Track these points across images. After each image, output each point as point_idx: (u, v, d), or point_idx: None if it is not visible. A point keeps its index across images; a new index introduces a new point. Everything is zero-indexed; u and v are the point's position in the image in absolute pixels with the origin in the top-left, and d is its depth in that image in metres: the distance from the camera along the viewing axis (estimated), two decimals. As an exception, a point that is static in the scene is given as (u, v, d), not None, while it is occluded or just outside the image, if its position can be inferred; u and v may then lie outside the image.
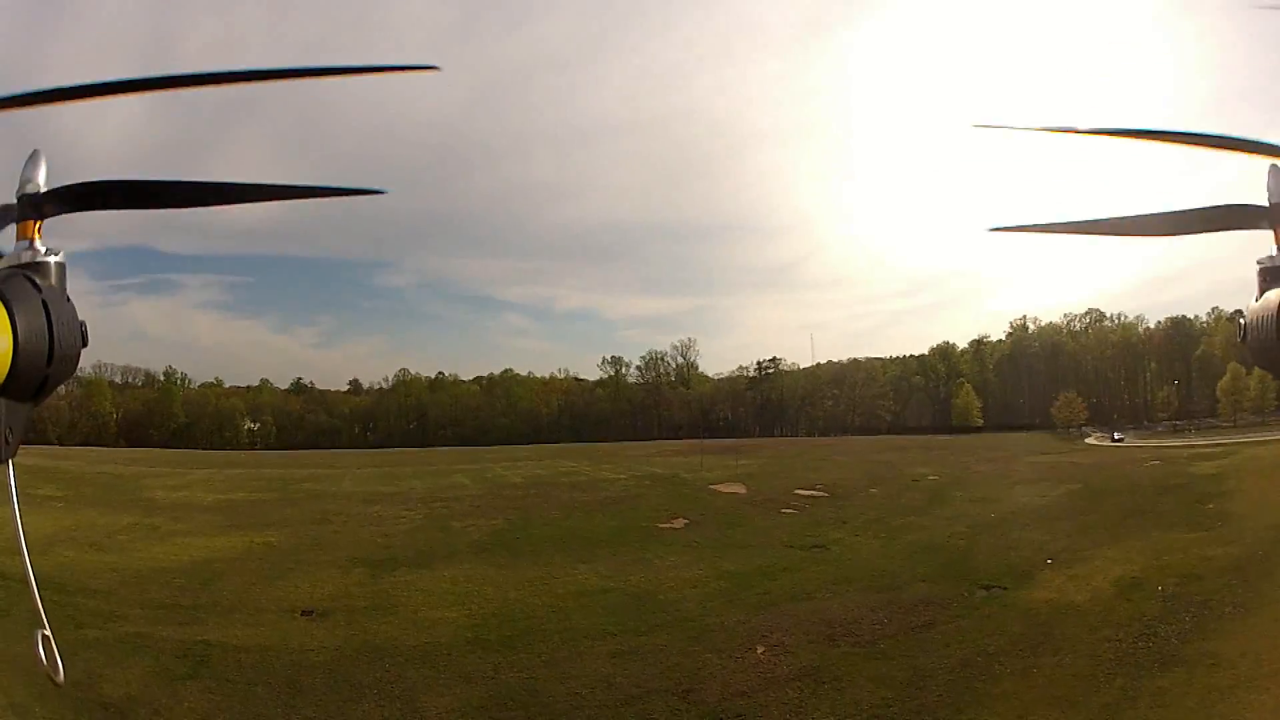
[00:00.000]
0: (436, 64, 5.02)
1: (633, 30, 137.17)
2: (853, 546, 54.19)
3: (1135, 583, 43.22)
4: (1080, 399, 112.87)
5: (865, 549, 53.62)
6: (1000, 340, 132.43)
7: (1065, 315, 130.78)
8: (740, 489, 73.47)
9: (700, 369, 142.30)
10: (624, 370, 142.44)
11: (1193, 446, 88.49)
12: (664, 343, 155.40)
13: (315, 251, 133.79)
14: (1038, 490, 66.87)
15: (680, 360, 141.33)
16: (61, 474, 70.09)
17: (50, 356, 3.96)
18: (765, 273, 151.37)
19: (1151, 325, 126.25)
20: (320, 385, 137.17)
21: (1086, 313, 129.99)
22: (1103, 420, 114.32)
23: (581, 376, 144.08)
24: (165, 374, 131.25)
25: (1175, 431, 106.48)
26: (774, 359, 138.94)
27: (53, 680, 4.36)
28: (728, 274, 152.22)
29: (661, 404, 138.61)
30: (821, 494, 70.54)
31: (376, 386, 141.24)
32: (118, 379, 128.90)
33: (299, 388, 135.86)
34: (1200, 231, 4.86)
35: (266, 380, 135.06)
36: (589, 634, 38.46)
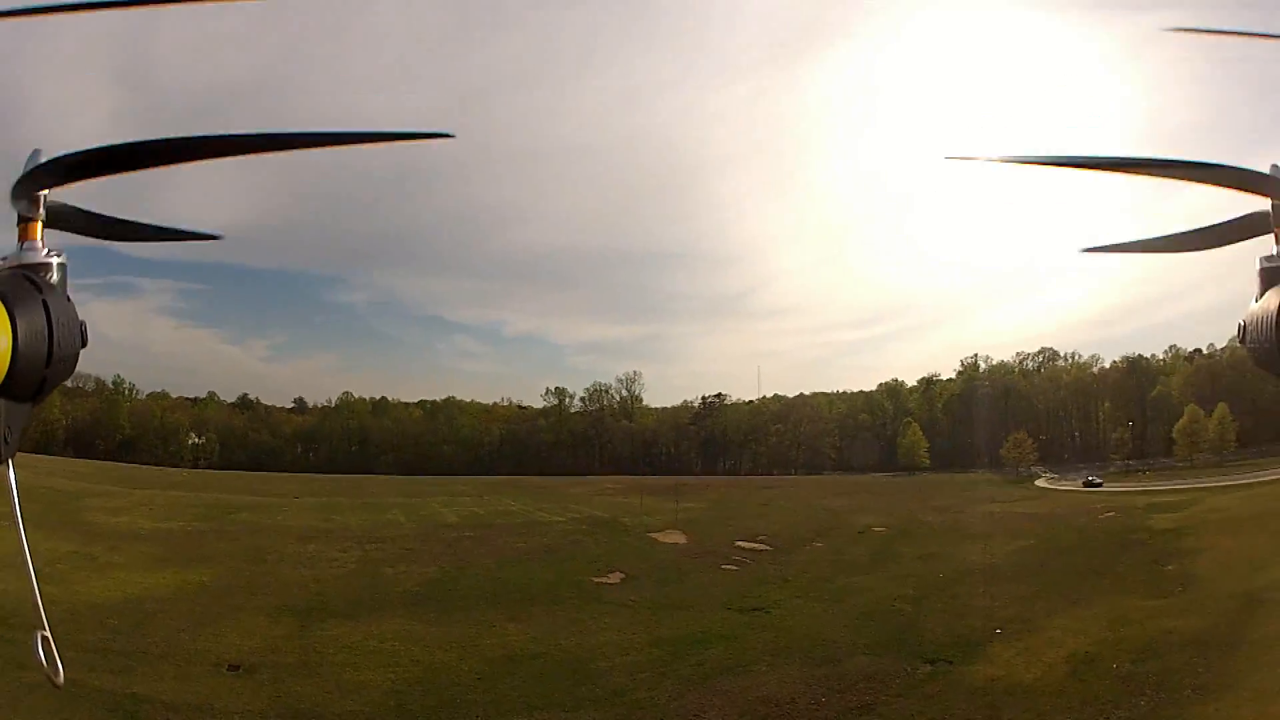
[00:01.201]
0: (450, 132, 4.75)
1: (595, 52, 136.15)
2: (794, 610, 52.74)
3: (1089, 659, 41.92)
4: (1030, 440, 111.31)
5: (806, 614, 52.09)
6: (950, 379, 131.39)
7: (1017, 354, 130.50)
8: (681, 538, 72.07)
9: (646, 400, 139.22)
10: (568, 400, 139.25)
11: (1149, 492, 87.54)
12: (613, 370, 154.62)
13: (271, 262, 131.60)
14: (989, 546, 64.66)
15: (625, 393, 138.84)
16: (5, 486, 66.15)
17: (50, 357, 3.98)
18: (716, 301, 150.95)
19: (1107, 364, 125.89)
20: (266, 401, 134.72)
21: (1039, 351, 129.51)
22: (1053, 461, 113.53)
23: (527, 403, 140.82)
24: (114, 382, 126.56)
25: (1129, 473, 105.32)
26: (719, 394, 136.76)
27: (52, 681, 4.34)
28: (678, 301, 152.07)
29: (604, 436, 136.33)
30: (764, 547, 68.82)
31: (321, 405, 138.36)
32: (70, 383, 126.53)
33: (245, 403, 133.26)
34: (1215, 246, 4.84)
35: (214, 393, 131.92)
36: (514, 707, 38.14)
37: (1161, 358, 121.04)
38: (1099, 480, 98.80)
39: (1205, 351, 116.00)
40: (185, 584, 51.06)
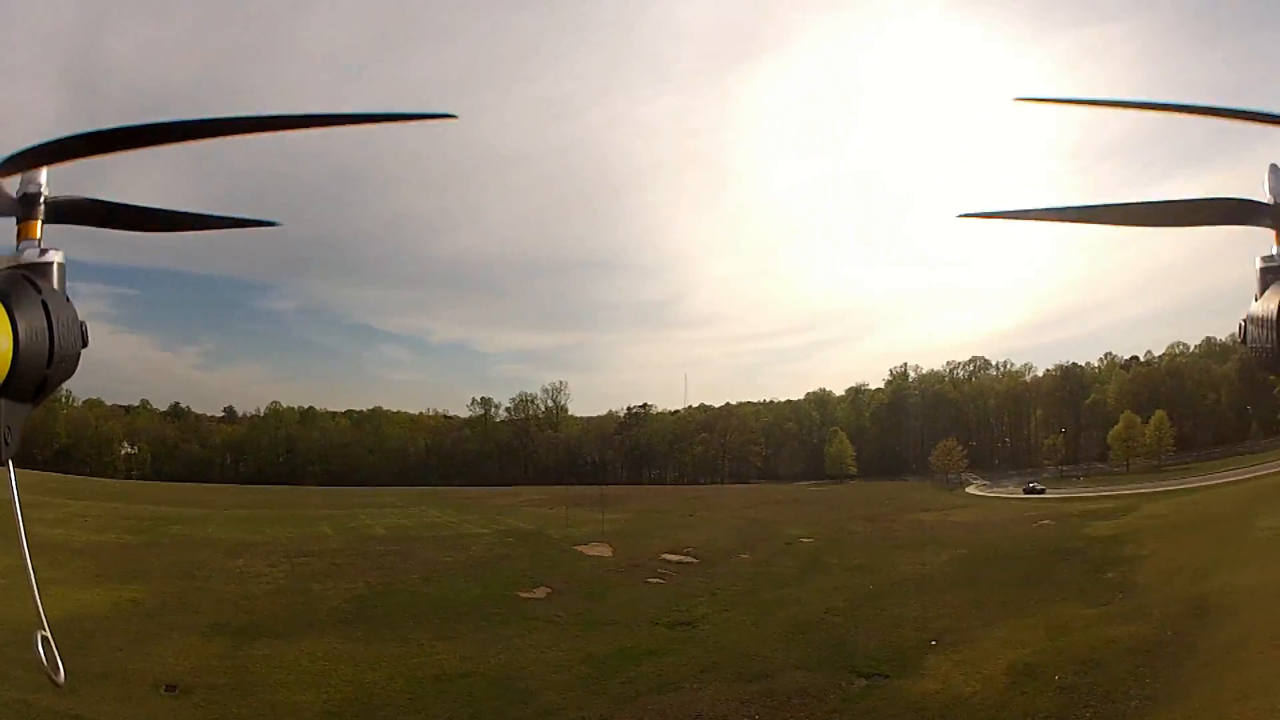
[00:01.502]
0: (454, 113, 4.14)
1: (527, 61, 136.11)
2: (722, 625, 51.47)
3: (1030, 670, 40.70)
4: (960, 447, 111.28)
5: (736, 628, 50.86)
6: (879, 388, 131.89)
7: (948, 363, 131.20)
8: (606, 550, 71.14)
9: (572, 409, 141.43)
10: (494, 410, 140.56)
11: (1085, 498, 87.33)
12: (539, 378, 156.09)
13: (203, 268, 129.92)
14: (920, 556, 64.20)
15: (550, 403, 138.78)
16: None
17: (50, 357, 3.92)
18: (643, 309, 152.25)
19: (1040, 372, 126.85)
20: (198, 409, 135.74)
21: (970, 360, 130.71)
22: (984, 468, 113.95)
23: (453, 413, 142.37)
24: None
25: (1063, 479, 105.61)
26: (644, 404, 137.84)
27: (53, 681, 4.26)
28: (606, 310, 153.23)
29: (529, 446, 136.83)
30: (690, 559, 67.86)
31: (251, 414, 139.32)
32: None
33: (176, 412, 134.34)
34: (1198, 224, 4.40)
35: (146, 401, 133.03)
36: (445, 728, 36.97)
37: (1096, 365, 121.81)
38: (1041, 487, 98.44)
39: (1143, 359, 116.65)
40: (121, 600, 50.18)
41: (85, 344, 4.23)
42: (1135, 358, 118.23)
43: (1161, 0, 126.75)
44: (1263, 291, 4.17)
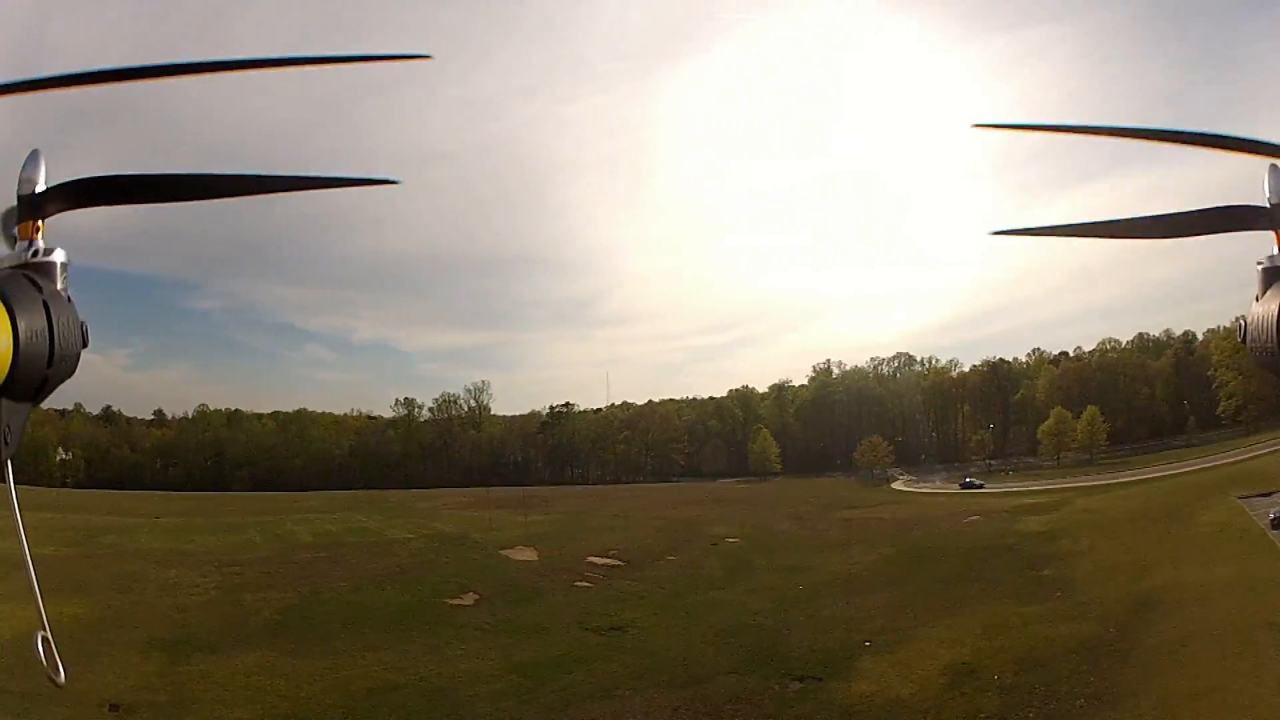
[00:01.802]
0: (428, 53, 4.69)
1: (449, 58, 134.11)
2: (652, 629, 50.95)
3: (968, 670, 40.30)
4: (885, 443, 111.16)
5: (665, 632, 50.30)
6: (803, 385, 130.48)
7: (872, 359, 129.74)
8: (532, 554, 70.16)
9: (495, 408, 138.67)
10: (417, 410, 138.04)
11: (1015, 493, 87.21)
12: (462, 377, 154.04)
13: (131, 266, 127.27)
14: (849, 555, 63.26)
15: (473, 403, 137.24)
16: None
17: (51, 357, 3.99)
18: (565, 307, 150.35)
19: (966, 368, 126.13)
20: (129, 412, 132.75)
21: (895, 356, 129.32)
22: (910, 463, 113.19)
23: (376, 413, 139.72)
24: None
25: (992, 473, 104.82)
26: (567, 403, 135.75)
27: (53, 681, 4.31)
28: (528, 308, 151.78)
29: (453, 446, 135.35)
30: (616, 562, 66.94)
31: (179, 417, 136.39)
32: None
33: (109, 416, 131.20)
34: (1200, 234, 4.59)
35: (80, 405, 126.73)
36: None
37: (1024, 361, 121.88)
38: (979, 481, 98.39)
39: (1073, 354, 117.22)
40: (62, 616, 47.28)
41: (86, 344, 4.28)
42: (1065, 353, 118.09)
43: (1104, 4, 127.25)
44: (1263, 292, 4.24)
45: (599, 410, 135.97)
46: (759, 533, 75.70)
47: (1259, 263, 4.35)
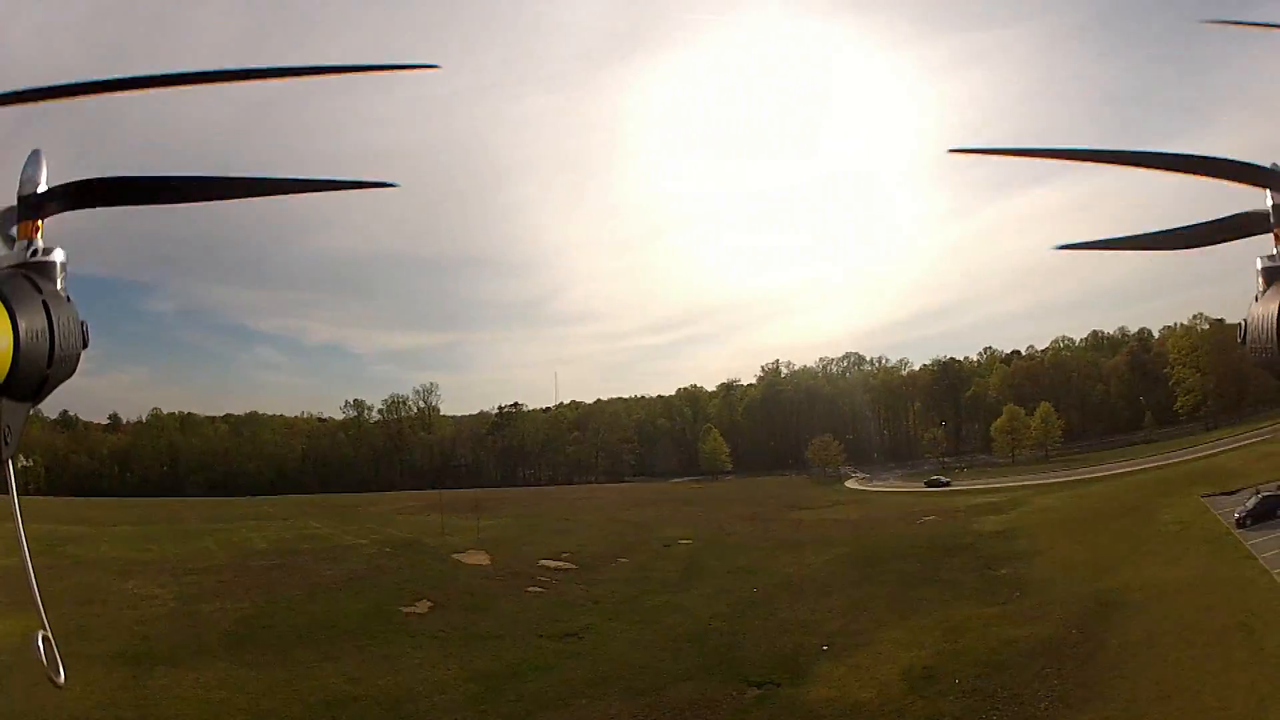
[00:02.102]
0: (436, 63, 4.55)
1: (398, 56, 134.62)
2: (608, 635, 50.54)
3: (928, 674, 39.85)
4: (836, 442, 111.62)
5: (621, 638, 49.86)
6: (751, 384, 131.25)
7: (820, 359, 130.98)
8: (485, 559, 70.22)
9: (445, 409, 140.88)
10: (367, 412, 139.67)
11: (970, 491, 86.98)
12: (412, 378, 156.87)
13: (77, 266, 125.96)
14: (803, 556, 63.35)
15: (423, 404, 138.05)
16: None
17: (51, 357, 3.95)
18: (514, 307, 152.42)
19: (916, 367, 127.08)
20: (86, 416, 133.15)
21: (844, 356, 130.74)
22: (862, 460, 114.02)
23: (327, 414, 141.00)
24: None
25: (945, 470, 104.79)
26: (515, 403, 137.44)
27: (53, 682, 4.22)
28: (477, 308, 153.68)
29: (403, 449, 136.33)
30: (569, 565, 67.13)
31: (135, 420, 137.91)
32: None
33: (66, 421, 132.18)
34: (1214, 243, 4.53)
35: (37, 409, 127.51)
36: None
37: (975, 359, 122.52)
38: (946, 479, 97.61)
39: (1024, 353, 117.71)
40: (30, 630, 48.75)
41: (86, 344, 4.24)
42: (1016, 351, 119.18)
43: (1057, 5, 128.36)
44: (1264, 292, 4.17)
45: (548, 409, 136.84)
46: (712, 534, 75.67)
47: (1259, 262, 4.27)
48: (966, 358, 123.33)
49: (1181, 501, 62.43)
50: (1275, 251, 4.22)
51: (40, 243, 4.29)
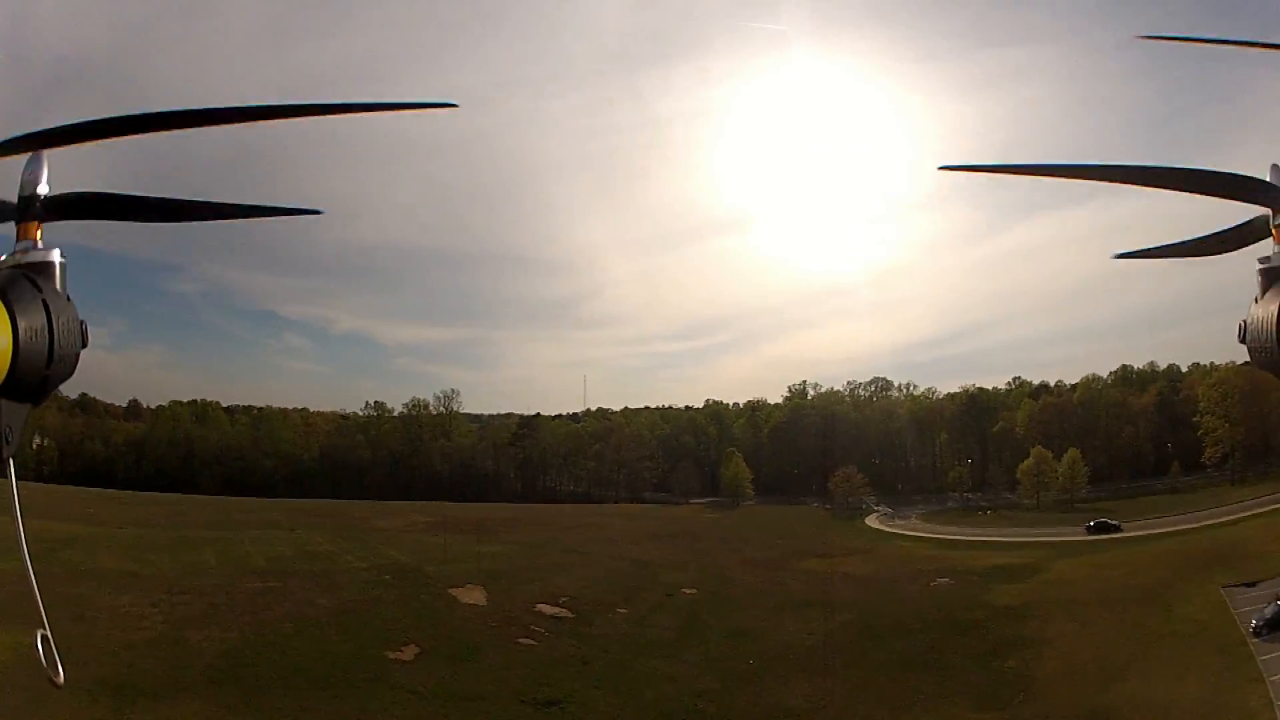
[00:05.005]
0: (454, 101, 5.31)
1: (429, 49, 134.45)
2: (589, 705, 49.15)
3: None
4: (860, 474, 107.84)
5: (603, 711, 48.68)
6: (777, 403, 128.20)
7: (848, 383, 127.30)
8: (481, 597, 68.21)
9: (468, 407, 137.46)
10: (387, 412, 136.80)
11: (990, 544, 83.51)
12: (437, 372, 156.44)
13: (110, 246, 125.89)
14: (806, 621, 60.83)
15: (444, 409, 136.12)
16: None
17: (50, 357, 4.24)
18: (541, 307, 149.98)
19: (942, 393, 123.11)
20: (105, 398, 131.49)
21: (872, 381, 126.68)
22: (887, 492, 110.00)
23: (349, 409, 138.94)
24: None
25: (968, 511, 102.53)
26: (537, 414, 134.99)
27: (52, 681, 4.77)
28: (504, 306, 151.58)
29: (421, 454, 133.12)
30: (565, 613, 64.93)
31: (153, 406, 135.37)
32: None
33: (83, 403, 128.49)
34: (1203, 193, 4.79)
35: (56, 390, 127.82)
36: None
37: (1004, 387, 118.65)
38: (1115, 523, 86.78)
39: (1053, 385, 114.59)
40: (20, 647, 43.98)
41: (85, 344, 4.58)
42: (1045, 384, 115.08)
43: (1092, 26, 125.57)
44: (1263, 293, 4.49)
45: (575, 415, 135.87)
46: (717, 583, 73.66)
47: (1259, 262, 4.56)
48: (994, 387, 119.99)
49: (1200, 590, 59.54)
50: (1275, 253, 4.54)
51: (40, 243, 4.61)
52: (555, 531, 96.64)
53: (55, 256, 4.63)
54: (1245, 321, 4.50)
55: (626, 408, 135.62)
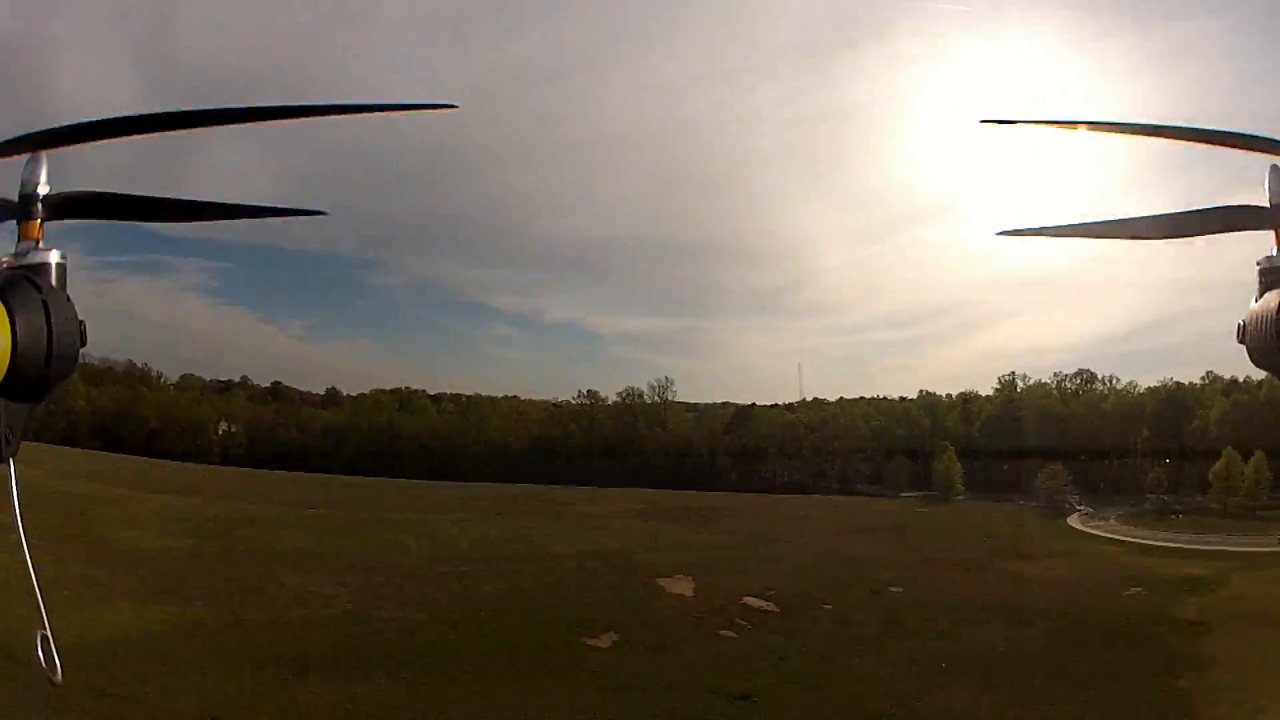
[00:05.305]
0: (454, 103, 5.44)
1: (628, 42, 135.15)
2: (782, 702, 49.49)
3: None
4: (1065, 472, 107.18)
5: (796, 709, 49.14)
6: (988, 396, 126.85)
7: (1055, 374, 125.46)
8: (687, 588, 68.12)
9: (682, 396, 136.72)
10: (600, 401, 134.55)
11: (1182, 552, 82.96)
12: (650, 362, 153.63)
13: (305, 244, 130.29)
14: (1005, 626, 61.17)
15: (659, 398, 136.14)
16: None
17: (50, 356, 4.19)
18: (754, 296, 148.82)
19: (1142, 388, 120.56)
20: (301, 386, 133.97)
21: (1077, 373, 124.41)
22: (1089, 491, 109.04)
23: (561, 399, 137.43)
24: (142, 369, 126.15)
25: (1164, 513, 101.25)
26: (752, 403, 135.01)
27: (50, 681, 4.79)
28: (717, 295, 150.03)
29: (635, 442, 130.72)
30: (771, 607, 64.98)
31: (355, 394, 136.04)
32: (98, 365, 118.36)
33: (276, 392, 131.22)
34: (1200, 234, 4.98)
35: (247, 376, 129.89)
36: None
37: (1199, 382, 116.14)
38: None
39: (1241, 382, 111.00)
40: (182, 619, 49.65)
41: (84, 343, 4.47)
42: (1235, 379, 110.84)
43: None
44: (1262, 293, 4.52)
45: (790, 405, 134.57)
46: (924, 581, 73.59)
47: (1259, 263, 4.65)
48: (1190, 382, 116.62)
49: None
50: (1275, 252, 4.62)
51: (40, 243, 4.61)
52: (766, 523, 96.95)
53: (55, 257, 4.65)
54: (1244, 322, 4.64)
55: (841, 398, 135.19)
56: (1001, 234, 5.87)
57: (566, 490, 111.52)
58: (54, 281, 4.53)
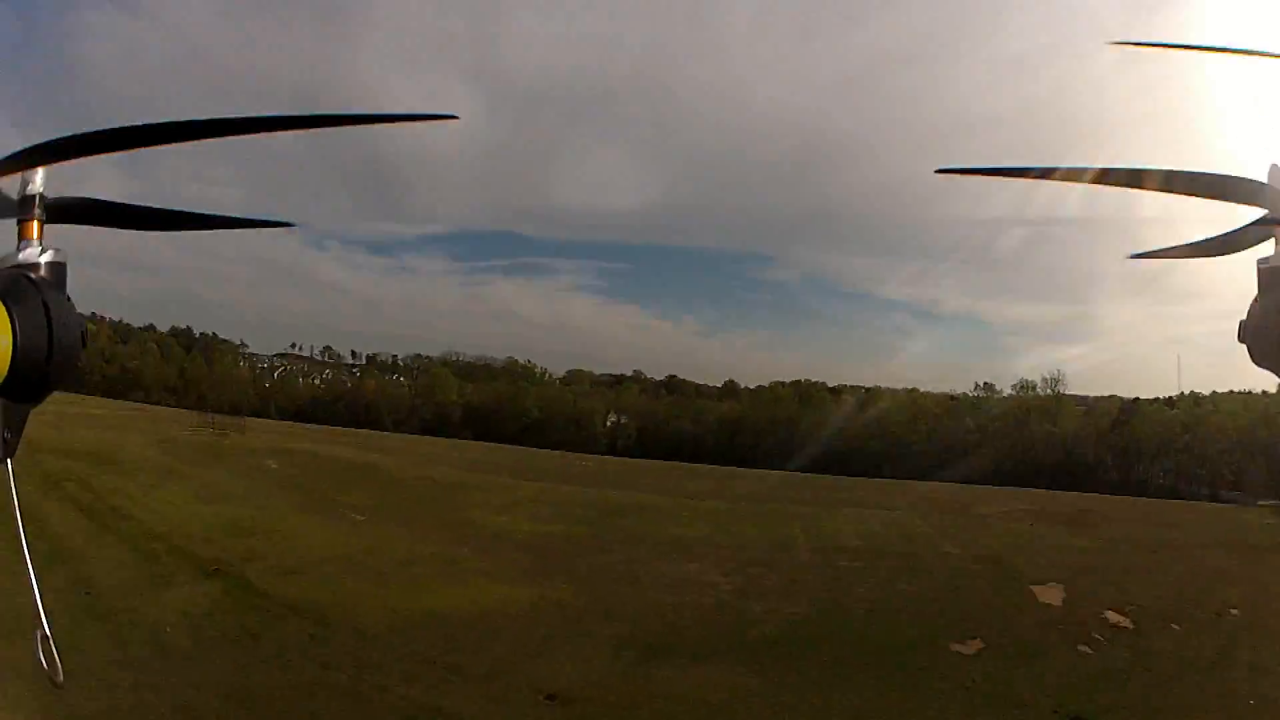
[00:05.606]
0: (455, 114, 4.77)
1: (971, 24, 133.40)
2: None
3: None
4: None
5: None
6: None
7: None
8: (1058, 596, 62.30)
9: (1071, 389, 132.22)
10: (995, 393, 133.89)
11: None
12: (1041, 354, 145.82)
13: (689, 242, 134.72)
14: None
15: (1049, 392, 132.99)
16: (377, 476, 68.57)
17: (50, 357, 4.21)
18: (1128, 280, 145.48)
19: None
20: (697, 379, 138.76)
21: None
22: None
23: (956, 391, 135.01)
24: (525, 365, 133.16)
25: None
26: (1135, 398, 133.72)
27: (52, 681, 4.70)
28: (1097, 279, 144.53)
29: (1026, 441, 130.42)
30: (1129, 624, 58.99)
31: (752, 386, 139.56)
32: (476, 363, 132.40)
33: (671, 385, 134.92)
34: (1189, 194, 4.70)
35: (640, 371, 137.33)
36: None
37: None
38: None
39: None
40: (542, 600, 47.08)
41: (85, 344, 4.42)
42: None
43: None
44: (1262, 292, 4.57)
45: (1169, 400, 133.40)
46: (1263, 607, 59.26)
47: (1259, 262, 4.60)
48: None
49: None
50: (1274, 253, 4.53)
51: (41, 243, 4.52)
52: (1141, 529, 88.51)
53: (56, 257, 4.53)
54: (1243, 321, 4.58)
55: (1214, 391, 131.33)
56: (941, 171, 5.21)
57: (962, 489, 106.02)
58: (54, 282, 4.47)
